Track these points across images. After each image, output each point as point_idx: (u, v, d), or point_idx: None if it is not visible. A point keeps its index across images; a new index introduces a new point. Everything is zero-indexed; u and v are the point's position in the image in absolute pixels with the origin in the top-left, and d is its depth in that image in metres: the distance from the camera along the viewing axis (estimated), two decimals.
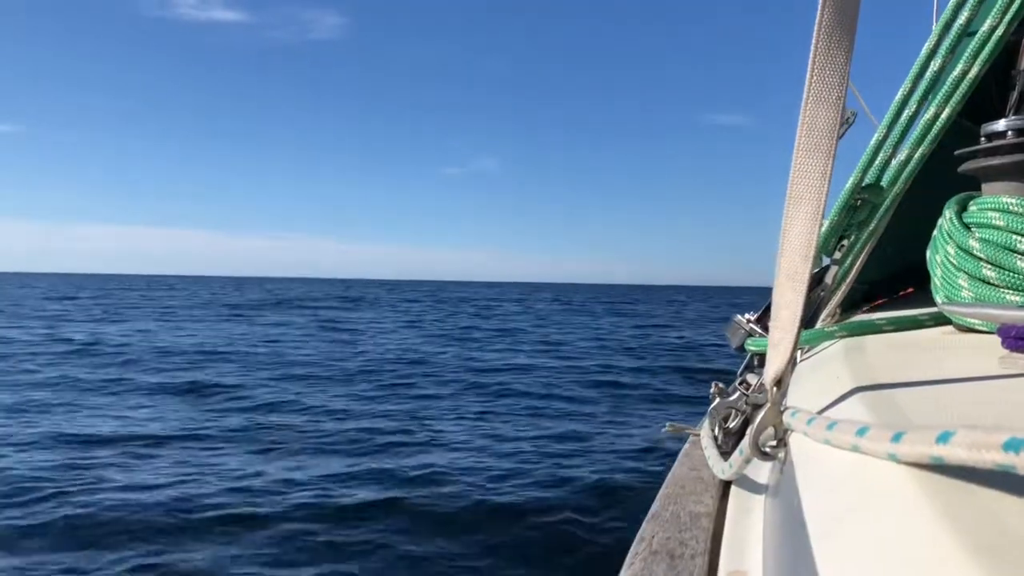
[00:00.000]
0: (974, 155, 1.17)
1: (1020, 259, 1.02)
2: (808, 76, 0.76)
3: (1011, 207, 1.04)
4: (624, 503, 5.97)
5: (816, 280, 1.46)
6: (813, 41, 0.76)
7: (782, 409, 0.73)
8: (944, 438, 0.37)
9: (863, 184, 1.23)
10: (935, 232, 1.19)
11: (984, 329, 1.05)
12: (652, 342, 20.71)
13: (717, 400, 1.21)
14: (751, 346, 1.48)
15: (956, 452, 0.36)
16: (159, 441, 7.58)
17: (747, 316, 1.58)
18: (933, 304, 1.18)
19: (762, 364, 1.02)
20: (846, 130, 1.66)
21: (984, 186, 1.17)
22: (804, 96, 0.77)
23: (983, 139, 1.17)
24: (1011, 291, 1.03)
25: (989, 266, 1.05)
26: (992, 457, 0.34)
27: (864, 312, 1.61)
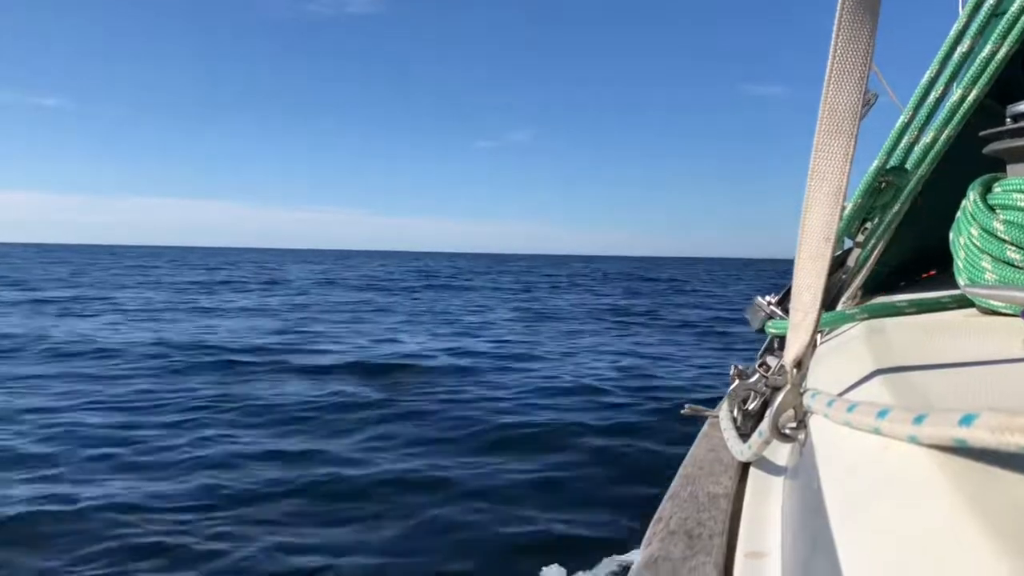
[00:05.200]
0: (999, 136, 1.16)
1: None
2: (831, 55, 0.75)
3: None
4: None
5: (838, 263, 1.45)
6: (836, 19, 0.75)
7: (802, 391, 0.73)
8: (967, 420, 0.37)
9: (887, 166, 1.22)
10: (959, 214, 1.18)
11: (1008, 312, 1.04)
12: None
13: (736, 382, 1.20)
14: (771, 328, 1.48)
15: (979, 435, 0.36)
16: None
17: (768, 298, 1.57)
18: (956, 286, 1.17)
19: (782, 346, 1.01)
20: (867, 111, 1.64)
21: (1009, 167, 1.15)
22: (826, 75, 0.76)
23: (1008, 120, 1.15)
24: None
25: (1013, 248, 1.03)
26: (1016, 440, 0.34)
27: (886, 294, 1.60)
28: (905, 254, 1.66)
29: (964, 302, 1.17)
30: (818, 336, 1.25)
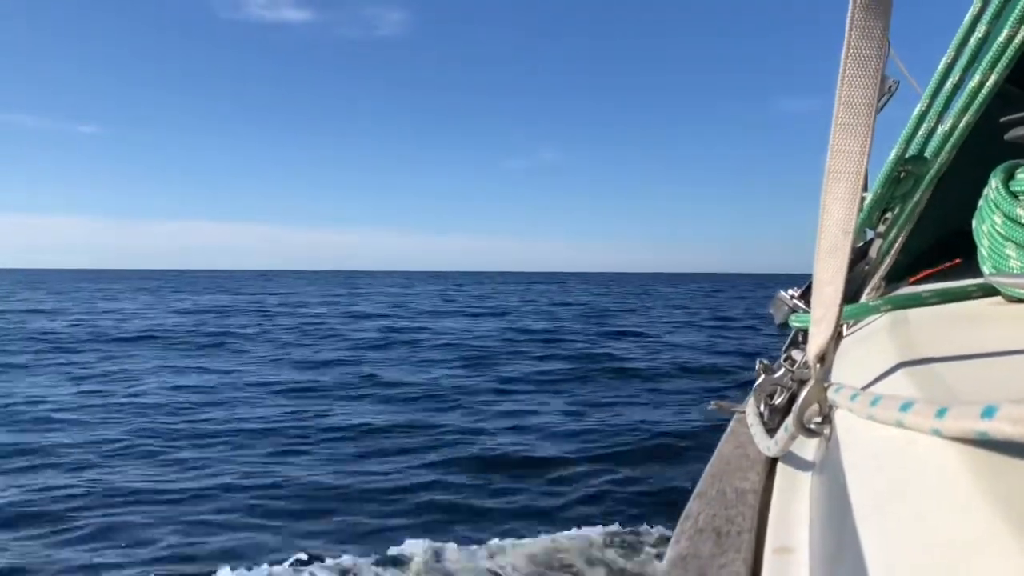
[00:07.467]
0: (1020, 122, 1.15)
1: None
2: (844, 49, 0.75)
3: None
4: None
5: (860, 254, 1.44)
6: (848, 13, 0.75)
7: (826, 385, 0.73)
8: (989, 413, 0.37)
9: (906, 156, 1.21)
10: (981, 201, 1.16)
11: None
12: None
13: (762, 377, 1.20)
14: (795, 322, 1.47)
15: (1001, 427, 0.36)
16: None
17: (791, 292, 1.57)
18: (980, 275, 1.15)
19: (807, 340, 1.01)
20: (888, 100, 1.62)
21: None
22: (840, 69, 0.76)
23: None
24: None
25: None
26: None
27: (909, 284, 1.58)
28: (928, 243, 1.64)
29: (989, 291, 1.16)
30: (843, 328, 1.24)
